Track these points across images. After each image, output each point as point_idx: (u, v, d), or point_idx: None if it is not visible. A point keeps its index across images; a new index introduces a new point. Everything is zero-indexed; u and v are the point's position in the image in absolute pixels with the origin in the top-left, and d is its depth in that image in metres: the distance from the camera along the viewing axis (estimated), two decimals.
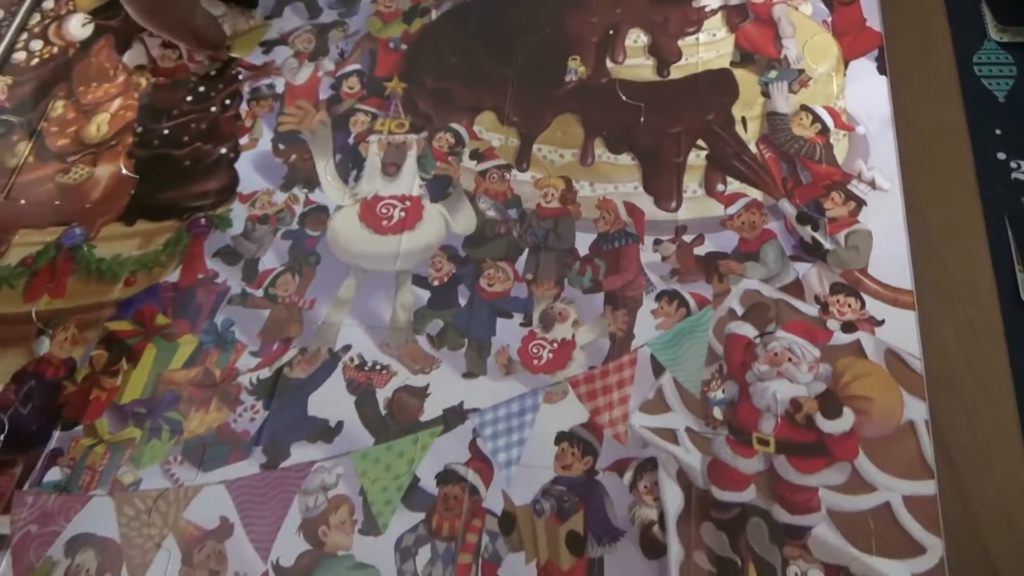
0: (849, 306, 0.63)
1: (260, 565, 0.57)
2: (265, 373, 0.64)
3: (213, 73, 0.82)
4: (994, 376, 0.61)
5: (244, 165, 0.76)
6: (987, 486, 0.57)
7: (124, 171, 0.76)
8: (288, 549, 0.57)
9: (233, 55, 0.83)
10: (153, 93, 0.82)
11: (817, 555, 0.54)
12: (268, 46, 0.84)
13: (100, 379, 0.65)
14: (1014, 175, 0.68)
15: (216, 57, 0.81)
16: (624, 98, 0.76)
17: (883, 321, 0.62)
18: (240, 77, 0.82)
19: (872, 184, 0.69)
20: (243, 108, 0.80)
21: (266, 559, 0.57)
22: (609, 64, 0.78)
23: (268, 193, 0.74)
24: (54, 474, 0.61)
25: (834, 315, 0.63)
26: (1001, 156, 0.69)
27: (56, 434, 0.63)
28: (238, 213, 0.73)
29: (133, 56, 0.85)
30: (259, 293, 0.68)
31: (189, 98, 0.80)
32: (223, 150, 0.77)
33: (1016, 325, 0.61)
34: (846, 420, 0.58)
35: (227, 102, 0.80)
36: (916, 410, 0.59)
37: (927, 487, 0.56)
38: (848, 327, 0.62)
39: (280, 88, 0.81)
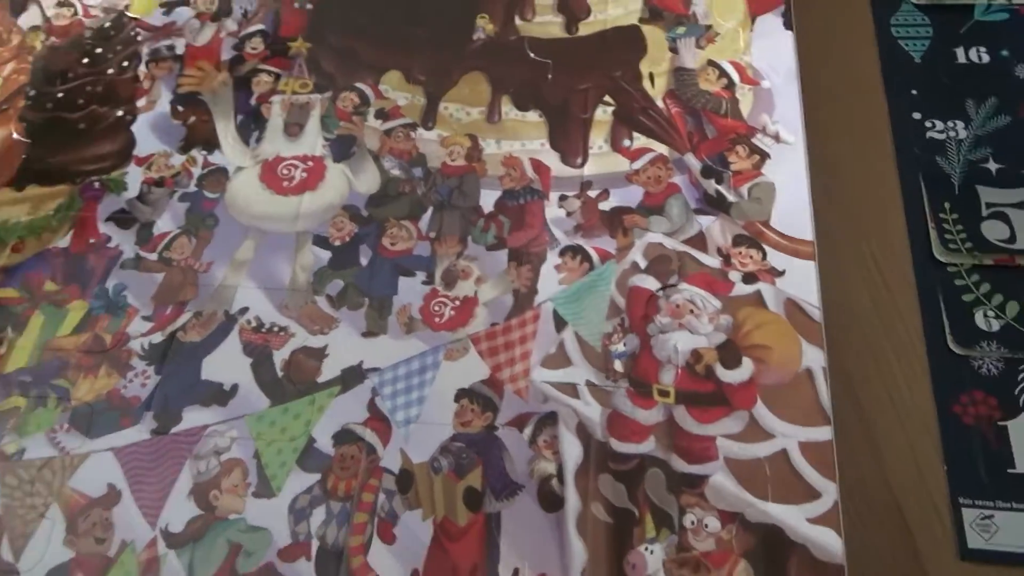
0: (751, 257, 0.63)
1: (148, 531, 0.55)
2: (158, 338, 0.62)
3: (108, 25, 0.79)
4: (904, 326, 0.61)
5: (141, 127, 0.73)
6: (895, 431, 0.57)
7: (15, 135, 0.73)
8: (178, 514, 0.55)
9: (131, 15, 0.80)
10: (47, 56, 0.78)
11: (713, 503, 0.54)
12: (169, 7, 0.81)
13: None
14: (929, 134, 0.68)
15: None
16: (532, 55, 0.75)
17: (783, 272, 0.62)
18: (139, 39, 0.79)
19: (776, 137, 0.69)
20: (141, 70, 0.77)
21: (154, 525, 0.55)
22: (518, 22, 0.77)
23: (165, 155, 0.71)
24: None
25: (736, 267, 0.63)
26: (917, 116, 0.69)
27: None
28: (134, 176, 0.70)
29: (28, 18, 0.82)
30: (153, 257, 0.66)
31: (85, 60, 0.77)
32: (120, 112, 0.74)
33: (929, 280, 0.62)
34: (745, 369, 0.58)
35: (124, 64, 0.77)
36: (814, 358, 0.59)
37: (823, 433, 0.56)
38: (749, 278, 0.62)
39: (180, 49, 0.78)
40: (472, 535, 0.54)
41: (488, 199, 0.67)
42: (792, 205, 0.65)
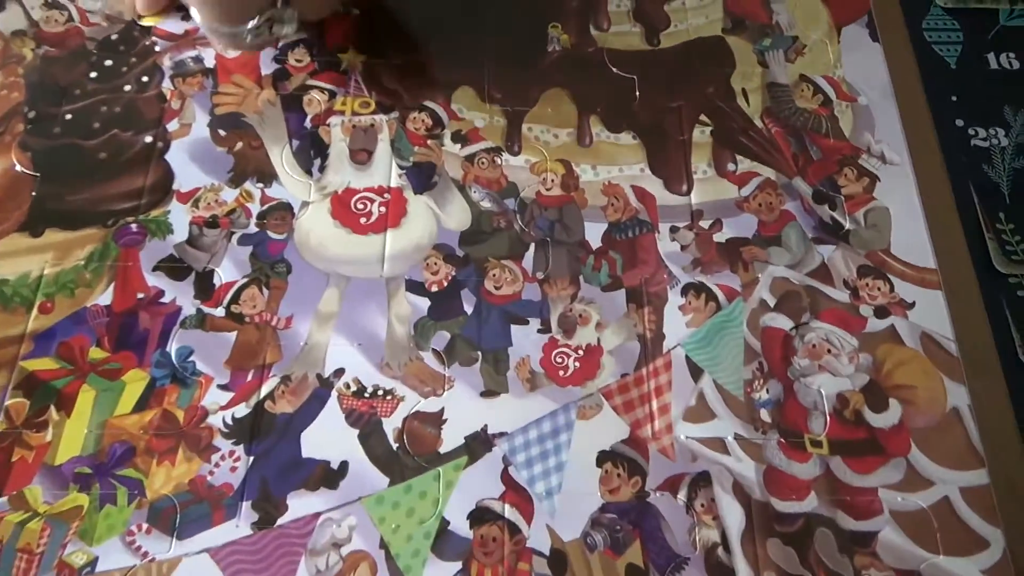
0: (879, 289, 0.60)
1: None
2: (242, 410, 0.53)
3: (115, 38, 0.67)
4: (972, 336, 0.59)
5: (178, 156, 0.63)
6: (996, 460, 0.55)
7: (18, 167, 0.61)
8: None
9: (144, 23, 0.69)
10: (44, 68, 0.66)
11: (888, 561, 0.51)
12: (187, 10, 0.69)
13: (23, 435, 0.51)
14: (974, 142, 0.67)
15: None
16: (615, 70, 0.69)
17: (913, 303, 0.60)
18: (157, 48, 0.68)
19: (882, 158, 0.66)
20: (166, 86, 0.66)
21: None
22: (593, 31, 0.71)
23: (214, 190, 0.61)
24: None
25: (865, 300, 0.60)
26: (960, 123, 0.68)
27: None
28: (179, 215, 0.60)
29: (8, 20, 0.69)
30: (219, 312, 0.56)
31: (93, 74, 0.66)
32: (148, 139, 0.63)
33: (992, 292, 0.60)
34: (894, 412, 0.55)
35: (144, 79, 0.66)
36: (958, 395, 0.57)
37: (980, 476, 0.54)
38: (881, 312, 0.59)
39: (210, 61, 0.67)
40: None
41: (593, 233, 0.61)
42: (909, 231, 0.63)
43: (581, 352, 0.57)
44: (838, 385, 0.56)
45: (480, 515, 0.51)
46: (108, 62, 0.66)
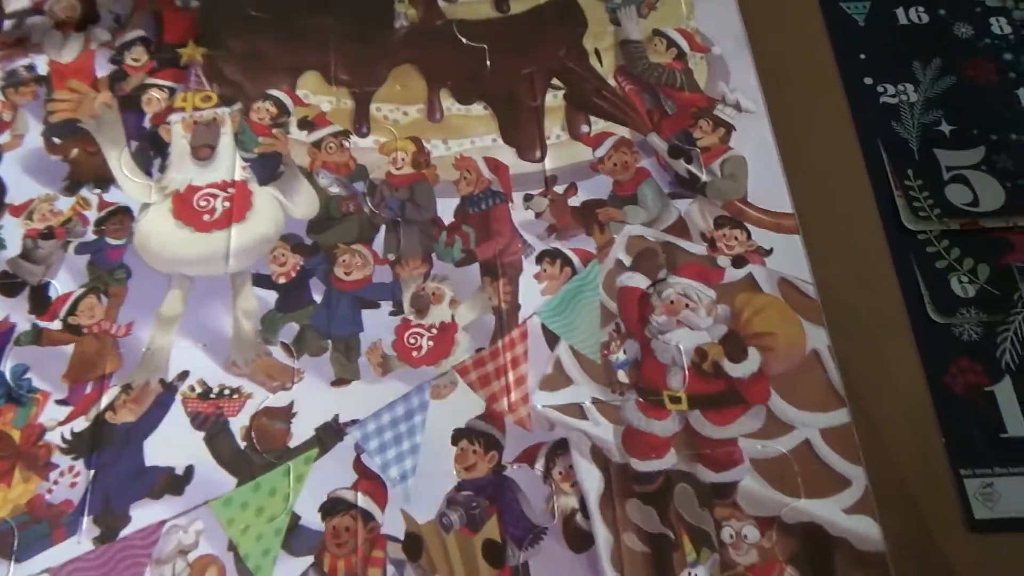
0: (736, 238, 0.60)
1: None
2: (81, 424, 0.52)
3: None
4: (884, 298, 0.59)
5: (9, 169, 0.61)
6: (889, 406, 0.55)
7: None
8: None
9: None
10: None
11: (748, 510, 0.51)
12: (17, 18, 0.67)
13: None
14: (882, 99, 0.66)
15: None
16: (464, 40, 0.67)
17: (771, 250, 0.59)
18: None
19: (737, 107, 0.65)
20: None
21: None
22: (441, 3, 0.69)
23: (48, 200, 0.59)
24: None
25: (723, 250, 0.59)
26: (868, 81, 0.67)
27: None
28: (11, 230, 0.58)
29: None
30: (56, 326, 0.55)
31: None
32: None
33: (902, 249, 0.60)
34: (753, 361, 0.55)
35: None
36: (818, 337, 0.56)
37: (841, 416, 0.54)
38: (738, 261, 0.59)
39: (43, 69, 0.65)
40: None
41: (446, 208, 0.60)
42: (765, 177, 0.62)
43: (435, 330, 0.56)
44: (696, 339, 0.56)
45: (332, 506, 0.50)
46: None
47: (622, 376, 0.55)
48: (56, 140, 0.62)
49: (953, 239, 0.60)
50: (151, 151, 0.62)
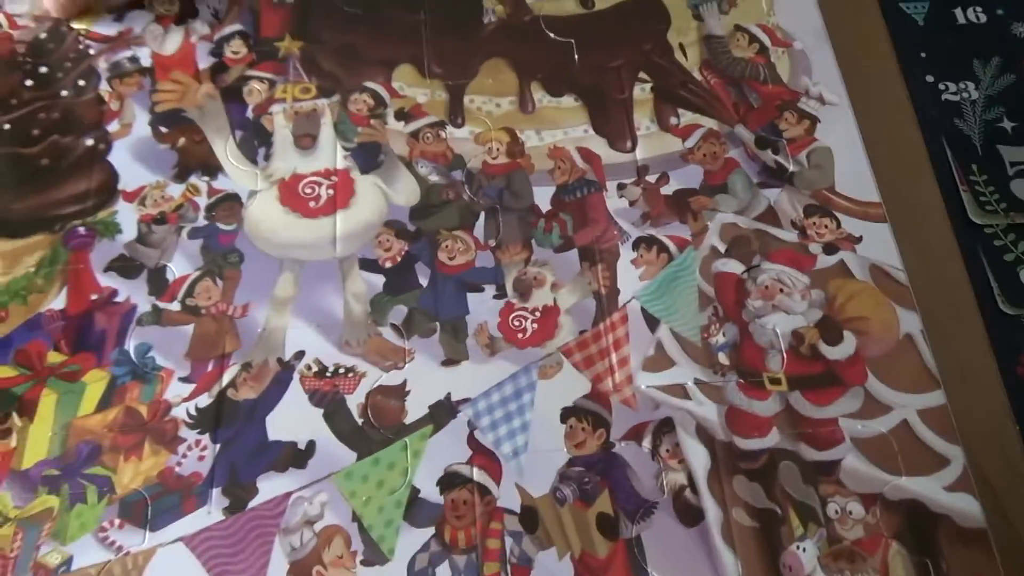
0: (826, 226, 0.61)
1: None
2: (205, 400, 0.53)
3: (44, 37, 0.67)
4: (955, 290, 0.60)
5: (120, 156, 0.63)
6: (963, 394, 0.56)
7: None
8: None
9: (76, 26, 0.68)
10: None
11: (852, 487, 0.52)
12: (120, 11, 0.69)
13: None
14: (944, 96, 0.68)
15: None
16: (552, 35, 0.69)
17: (861, 237, 0.61)
18: (91, 51, 0.67)
19: (820, 99, 0.67)
20: (104, 89, 0.65)
21: None
22: (528, 0, 0.71)
23: (159, 187, 0.61)
24: None
25: (813, 238, 0.61)
26: (930, 79, 0.68)
27: None
28: (126, 215, 0.60)
29: None
30: (175, 307, 0.57)
31: (29, 82, 0.65)
32: (89, 141, 0.63)
33: (969, 242, 0.61)
34: (849, 344, 0.57)
35: (80, 83, 0.65)
36: (910, 321, 0.58)
37: (937, 397, 0.55)
38: (830, 248, 0.60)
39: (146, 60, 0.67)
40: (617, 566, 0.50)
41: (542, 196, 0.62)
42: (851, 167, 0.64)
43: (538, 313, 0.57)
44: (792, 322, 0.57)
45: (449, 480, 0.52)
46: (43, 69, 0.66)
47: (722, 358, 0.56)
48: (163, 129, 0.64)
49: (1020, 232, 0.62)
50: (255, 140, 0.64)
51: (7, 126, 0.63)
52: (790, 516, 0.51)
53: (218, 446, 0.52)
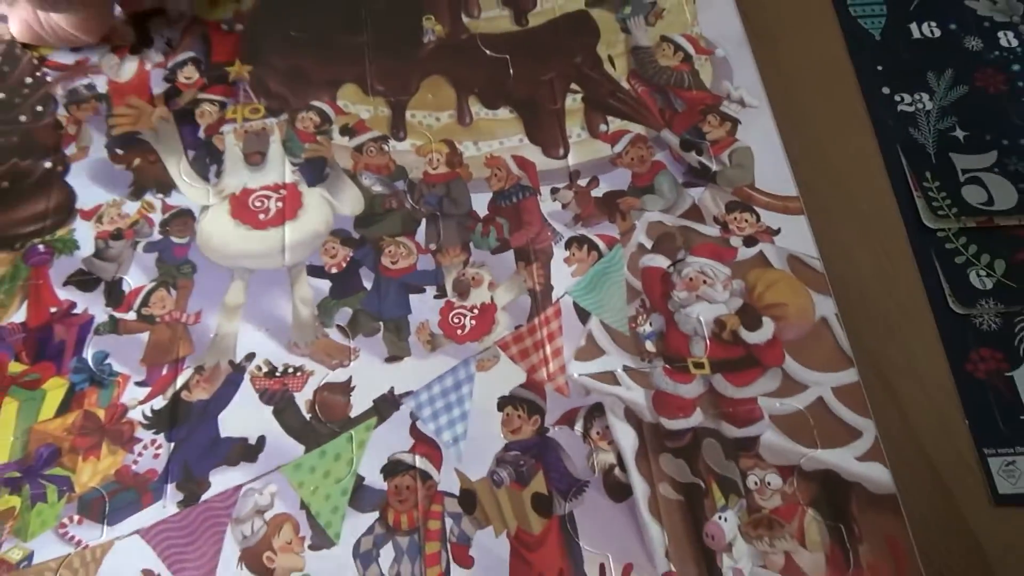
0: (746, 221, 0.65)
1: None
2: (160, 402, 0.57)
3: (4, 69, 0.70)
4: (907, 290, 0.63)
5: (78, 177, 0.66)
6: (915, 389, 0.60)
7: None
8: None
9: (35, 54, 0.72)
10: None
11: (770, 460, 0.56)
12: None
13: None
14: (900, 107, 0.72)
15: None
16: (488, 52, 0.73)
17: (779, 230, 0.65)
18: (48, 79, 0.71)
19: (741, 102, 0.71)
20: (61, 114, 0.69)
21: None
22: (465, 19, 0.75)
23: (116, 204, 0.65)
24: None
25: (734, 232, 0.65)
26: (886, 90, 0.73)
27: None
28: (84, 232, 0.63)
29: None
30: (131, 316, 0.60)
31: None
32: (47, 164, 0.66)
33: (922, 245, 0.65)
34: (767, 329, 0.60)
35: (38, 108, 0.69)
36: (825, 306, 0.62)
37: (850, 375, 0.59)
38: (749, 241, 0.64)
39: (102, 87, 0.71)
40: (550, 541, 0.53)
41: (480, 202, 0.66)
42: (771, 165, 0.68)
43: (476, 311, 0.61)
44: (715, 311, 0.61)
45: (393, 467, 0.55)
46: (0, 95, 0.69)
47: (649, 346, 0.60)
48: (119, 151, 0.67)
49: (970, 236, 0.65)
50: (207, 158, 0.67)
51: None
52: (712, 489, 0.55)
53: (172, 444, 0.55)
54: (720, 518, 0.54)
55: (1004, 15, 0.76)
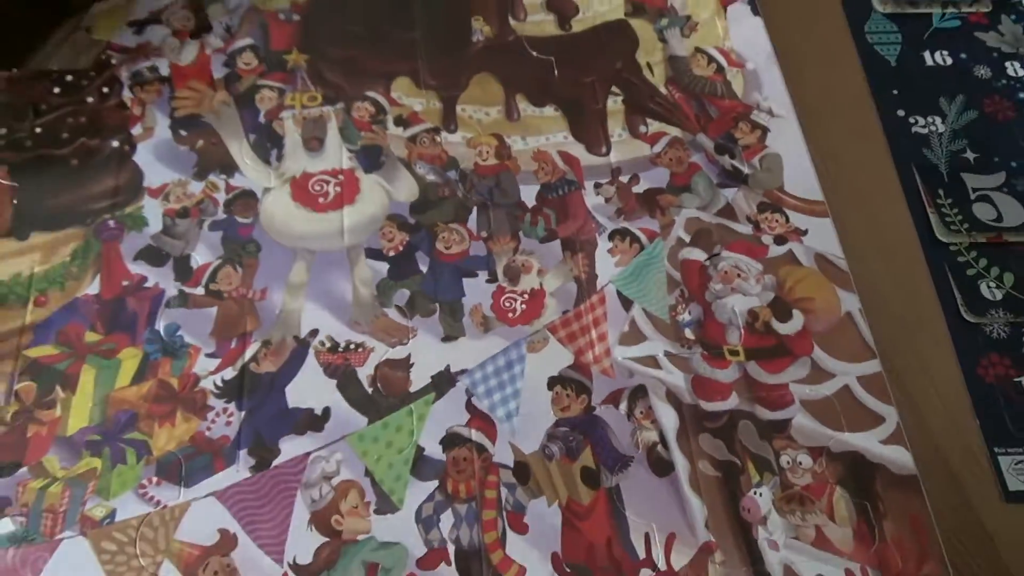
0: (776, 221, 0.70)
1: (276, 569, 0.53)
2: (229, 373, 0.60)
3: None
4: (922, 299, 0.67)
5: (145, 157, 0.69)
6: (928, 390, 0.64)
7: None
8: (303, 546, 0.54)
9: (96, 37, 0.74)
10: (8, 89, 0.71)
11: (801, 442, 0.60)
12: (139, 26, 0.76)
13: (35, 413, 0.57)
14: (914, 129, 0.76)
15: None
16: (534, 53, 0.77)
17: (806, 230, 0.69)
18: (113, 62, 0.73)
19: (770, 112, 0.76)
20: (126, 95, 0.72)
21: (281, 561, 0.53)
22: (512, 22, 0.79)
23: (181, 184, 0.67)
24: (5, 526, 0.53)
25: (766, 231, 0.69)
26: (901, 113, 0.77)
27: None
28: (152, 209, 0.66)
29: None
30: (200, 291, 0.63)
31: (56, 90, 0.71)
32: (115, 143, 0.69)
33: (936, 258, 0.69)
34: (797, 321, 0.65)
35: (105, 90, 0.72)
36: (850, 302, 0.66)
37: (873, 366, 0.63)
38: (779, 240, 0.69)
39: (165, 70, 0.73)
40: (599, 511, 0.57)
41: (528, 194, 0.70)
42: (798, 171, 0.72)
43: (526, 296, 0.65)
44: (748, 303, 0.65)
45: (451, 440, 0.58)
46: (68, 77, 0.72)
47: (688, 333, 0.64)
48: (183, 132, 0.70)
49: (981, 250, 0.69)
50: (268, 143, 0.70)
51: (39, 130, 0.69)
52: (748, 467, 0.59)
53: (243, 413, 0.58)
54: (756, 493, 0.58)
55: (1011, 46, 0.82)
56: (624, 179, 0.71)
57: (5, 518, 0.53)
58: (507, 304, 0.64)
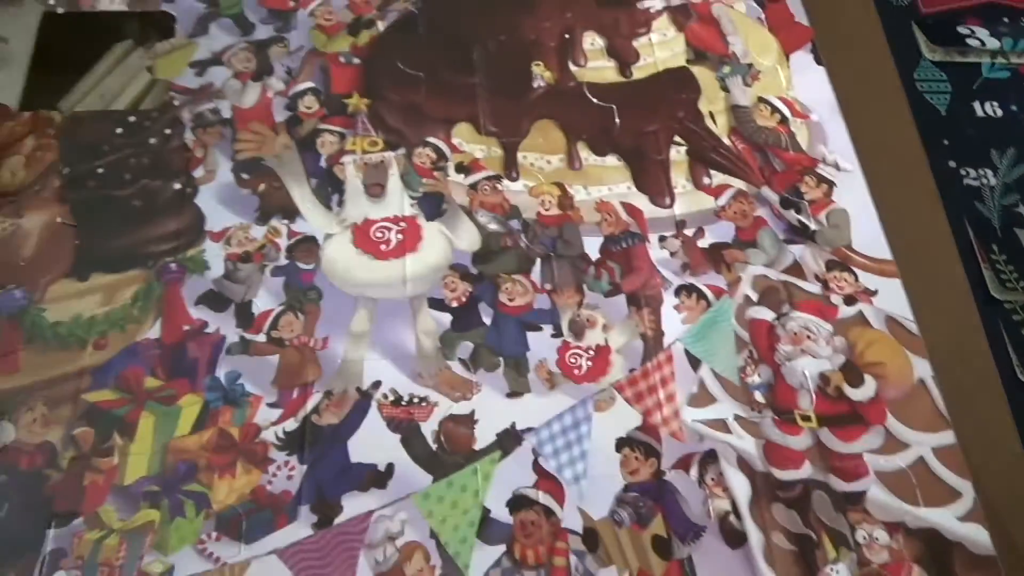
0: (846, 280, 0.68)
1: None
2: (291, 424, 0.58)
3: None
4: (977, 360, 0.65)
5: (206, 200, 0.68)
6: (988, 456, 0.61)
7: (59, 219, 0.66)
8: None
9: (159, 77, 0.74)
10: (73, 128, 0.71)
11: (877, 516, 0.58)
12: (201, 67, 0.75)
13: (92, 460, 0.55)
14: (965, 181, 0.75)
15: None
16: (595, 100, 0.76)
17: (876, 291, 0.68)
18: (176, 103, 0.73)
19: (836, 166, 0.74)
20: (188, 137, 0.71)
21: None
22: (572, 68, 0.79)
23: (244, 228, 0.67)
24: None
25: (834, 290, 0.68)
26: (952, 164, 0.76)
27: (51, 533, 0.53)
28: (214, 253, 0.65)
29: None
30: (261, 338, 0.62)
31: (119, 130, 0.71)
32: (177, 185, 0.68)
33: (990, 316, 0.67)
34: (869, 387, 0.63)
35: (167, 131, 0.71)
36: (923, 368, 0.64)
37: (948, 437, 0.61)
38: (849, 300, 0.67)
39: (227, 112, 0.73)
40: None
41: (592, 246, 0.68)
42: (866, 228, 0.71)
43: (592, 352, 0.63)
44: (819, 366, 0.64)
45: (518, 502, 0.57)
46: (131, 118, 0.72)
47: (759, 396, 0.62)
48: (244, 176, 0.70)
49: None
50: (329, 187, 0.69)
51: (101, 170, 0.68)
52: (824, 541, 0.57)
53: (305, 467, 0.57)
54: (832, 571, 0.56)
55: None
56: (689, 232, 0.70)
57: (60, 571, 0.52)
58: (572, 360, 0.63)
